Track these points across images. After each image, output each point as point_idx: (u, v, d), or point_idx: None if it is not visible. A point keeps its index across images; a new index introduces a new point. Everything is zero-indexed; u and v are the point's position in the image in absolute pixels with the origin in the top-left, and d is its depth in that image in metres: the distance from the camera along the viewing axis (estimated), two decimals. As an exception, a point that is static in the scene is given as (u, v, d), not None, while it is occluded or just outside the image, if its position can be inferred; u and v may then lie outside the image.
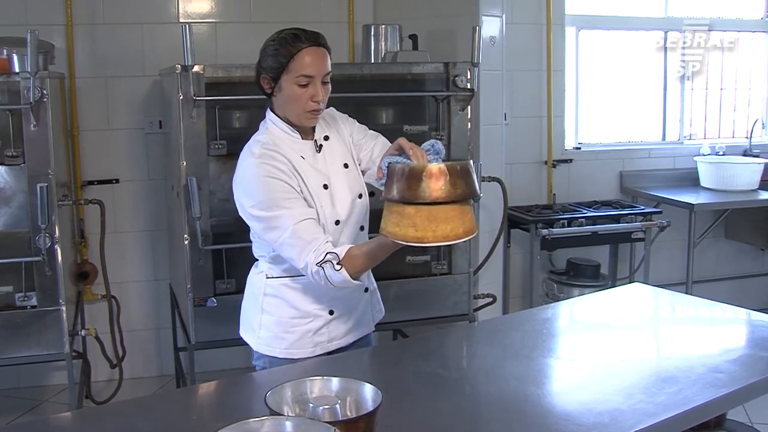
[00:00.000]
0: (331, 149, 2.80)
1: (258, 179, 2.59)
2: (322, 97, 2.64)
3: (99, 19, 5.02)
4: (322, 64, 2.62)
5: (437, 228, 2.23)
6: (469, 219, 2.29)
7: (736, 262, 6.71)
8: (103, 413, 2.70)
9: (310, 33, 2.65)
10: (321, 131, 2.80)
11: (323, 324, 2.77)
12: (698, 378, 2.35)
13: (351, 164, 2.82)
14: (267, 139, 2.69)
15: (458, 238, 2.26)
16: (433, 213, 2.23)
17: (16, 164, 3.99)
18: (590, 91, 6.33)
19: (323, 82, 2.64)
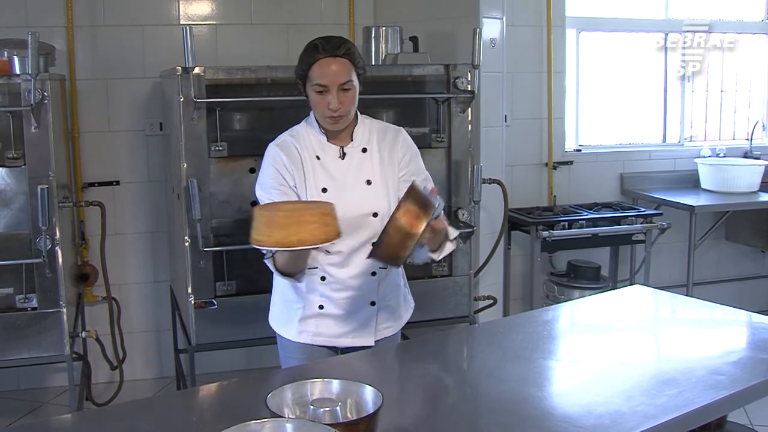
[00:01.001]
0: (361, 161, 2.87)
1: (266, 161, 2.86)
2: (337, 105, 2.73)
3: (99, 21, 5.02)
4: (336, 75, 2.72)
5: (272, 233, 2.27)
6: (309, 231, 2.28)
7: (737, 264, 6.70)
8: (104, 415, 2.70)
9: (332, 43, 2.74)
10: (362, 141, 2.90)
11: (312, 315, 2.89)
12: (699, 380, 2.35)
13: (378, 182, 2.86)
14: (296, 131, 2.91)
15: (291, 245, 2.27)
16: (272, 219, 2.29)
17: (17, 166, 3.99)
18: (591, 93, 6.32)
19: (343, 89, 2.73)
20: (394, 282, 3.00)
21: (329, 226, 2.33)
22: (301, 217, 2.29)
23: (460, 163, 4.46)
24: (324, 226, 2.31)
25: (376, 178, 2.87)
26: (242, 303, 4.10)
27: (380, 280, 2.91)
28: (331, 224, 2.34)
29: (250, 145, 4.16)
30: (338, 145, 2.87)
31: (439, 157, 4.47)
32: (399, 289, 3.03)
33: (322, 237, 2.30)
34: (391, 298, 2.98)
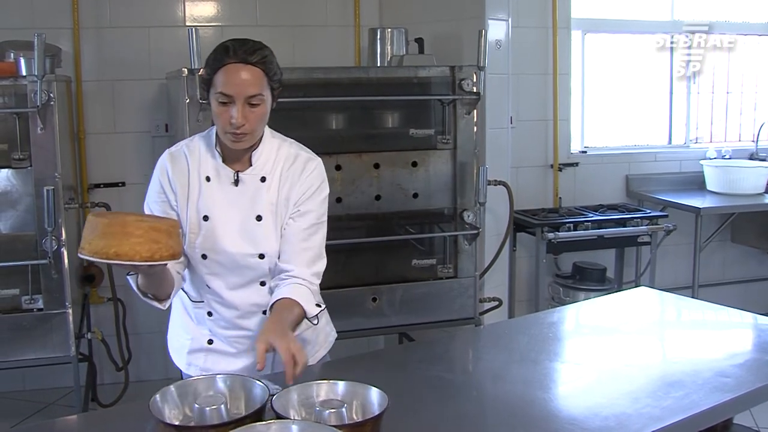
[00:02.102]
0: (256, 192, 2.51)
1: (154, 174, 2.58)
2: (240, 120, 2.35)
3: (105, 22, 5.03)
4: (244, 85, 2.34)
5: (93, 240, 2.06)
6: (130, 244, 2.05)
7: (743, 266, 6.69)
8: (109, 416, 2.71)
9: (246, 48, 2.38)
10: (263, 168, 2.52)
11: (201, 350, 2.66)
12: (705, 382, 2.35)
13: (269, 220, 2.51)
14: (194, 142, 2.58)
15: (107, 258, 2.04)
16: (95, 225, 2.07)
17: (23, 167, 4.01)
18: (596, 94, 6.32)
19: (251, 103, 2.36)
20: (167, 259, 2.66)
21: (158, 244, 2.10)
22: (125, 228, 2.06)
23: (465, 165, 4.46)
24: (151, 242, 2.08)
25: (268, 214, 2.50)
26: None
27: None
28: (161, 242, 2.11)
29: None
30: (234, 168, 2.50)
31: (444, 159, 4.47)
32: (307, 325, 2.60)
33: (145, 254, 2.07)
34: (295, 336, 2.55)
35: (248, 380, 2.07)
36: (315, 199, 2.55)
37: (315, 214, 2.54)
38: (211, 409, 1.91)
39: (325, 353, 2.79)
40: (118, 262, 2.05)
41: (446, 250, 4.53)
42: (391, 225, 4.46)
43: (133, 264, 2.07)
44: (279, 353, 2.14)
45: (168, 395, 2.00)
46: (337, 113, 4.46)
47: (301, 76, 4.27)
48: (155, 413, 1.90)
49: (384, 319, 4.39)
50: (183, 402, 2.01)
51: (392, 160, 4.39)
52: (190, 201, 2.50)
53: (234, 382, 2.09)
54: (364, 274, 4.41)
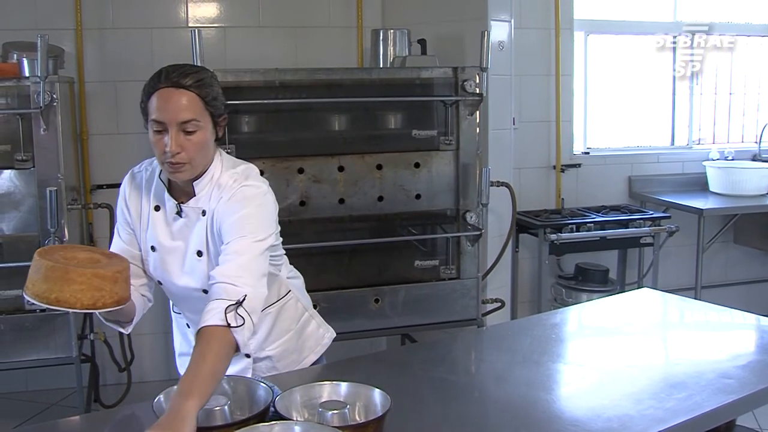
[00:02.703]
0: (196, 226, 2.37)
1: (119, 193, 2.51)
2: (174, 148, 2.20)
3: (108, 23, 5.03)
4: (176, 110, 2.20)
5: (36, 282, 2.02)
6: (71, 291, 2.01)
7: (745, 268, 6.68)
8: (112, 417, 2.71)
9: (180, 71, 2.25)
10: (204, 200, 2.35)
11: (186, 354, 2.57)
12: (708, 384, 2.35)
13: (211, 256, 2.35)
14: (153, 166, 2.47)
15: (48, 302, 2.00)
16: (38, 266, 2.04)
17: (26, 168, 4.01)
18: (599, 95, 6.32)
19: (186, 131, 2.22)
20: (277, 332, 2.61)
21: (102, 291, 2.05)
22: (67, 273, 2.01)
23: (468, 166, 4.46)
24: (93, 290, 2.03)
25: (207, 248, 2.34)
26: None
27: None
28: (105, 289, 2.06)
29: (258, 148, 4.17)
30: (179, 199, 2.37)
31: (447, 160, 4.47)
32: (291, 334, 2.64)
33: (87, 302, 2.02)
34: (275, 347, 2.60)
35: (252, 382, 2.07)
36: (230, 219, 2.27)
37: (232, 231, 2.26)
38: (215, 410, 1.91)
39: (317, 357, 2.74)
40: (58, 308, 2.02)
41: (449, 251, 4.53)
42: (393, 226, 4.46)
43: (75, 311, 2.04)
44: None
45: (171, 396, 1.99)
46: (340, 114, 4.46)
47: (303, 77, 4.27)
48: (159, 414, 1.90)
49: (386, 320, 4.39)
50: None
51: (395, 161, 4.39)
52: (141, 228, 2.43)
53: (238, 383, 2.09)
54: (367, 275, 4.41)
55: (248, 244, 2.23)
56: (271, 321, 2.59)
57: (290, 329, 2.66)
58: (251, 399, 2.03)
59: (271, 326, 2.59)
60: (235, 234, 2.23)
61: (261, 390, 2.01)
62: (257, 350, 2.57)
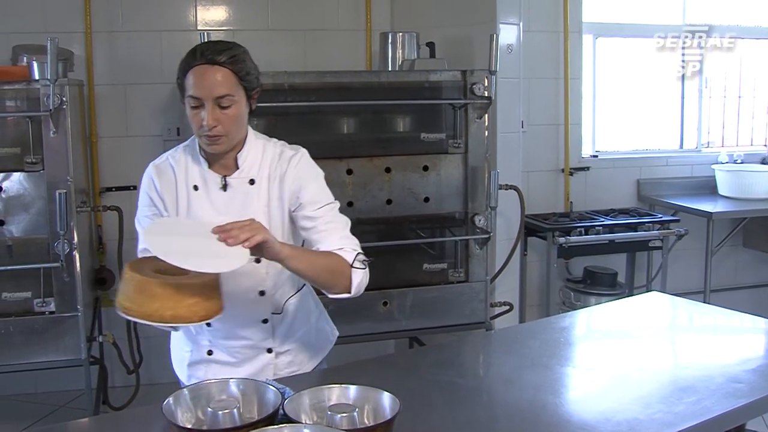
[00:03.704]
0: (246, 196, 2.47)
1: (141, 186, 2.55)
2: (211, 121, 2.32)
3: (118, 26, 5.05)
4: (212, 86, 2.31)
5: (143, 303, 2.01)
6: (187, 306, 2.03)
7: (754, 271, 6.67)
8: (121, 419, 2.72)
9: (214, 48, 2.36)
10: (250, 170, 2.48)
11: (201, 361, 2.62)
12: (717, 388, 2.34)
13: (263, 222, 2.32)
14: (178, 152, 2.56)
15: (163, 321, 2.02)
16: (142, 285, 2.02)
17: (36, 171, 4.02)
18: (607, 98, 6.31)
19: (221, 106, 2.33)
20: (299, 323, 2.67)
21: (210, 301, 2.09)
22: (180, 288, 2.02)
23: (476, 169, 4.46)
24: (205, 300, 2.07)
25: (261, 216, 2.41)
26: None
27: (275, 325, 2.59)
28: (213, 298, 2.10)
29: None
30: (221, 173, 2.47)
31: (455, 163, 4.47)
32: (307, 326, 2.70)
33: (202, 314, 2.06)
34: (295, 340, 2.65)
35: (261, 384, 2.07)
36: (311, 186, 2.50)
37: (318, 198, 2.49)
38: (223, 412, 1.91)
39: (325, 355, 2.79)
40: (174, 325, 2.06)
41: (457, 255, 4.53)
42: (402, 229, 4.46)
43: (191, 324, 2.10)
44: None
45: (181, 398, 2.00)
46: (349, 117, 4.47)
47: (312, 80, 4.28)
48: (168, 416, 1.90)
49: (395, 323, 4.39)
50: (196, 405, 2.01)
51: (403, 165, 4.39)
52: (179, 212, 2.48)
53: (247, 386, 2.09)
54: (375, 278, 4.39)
55: (336, 211, 2.52)
56: (294, 311, 2.64)
57: (308, 322, 2.71)
58: (260, 402, 2.03)
59: (293, 318, 2.64)
60: (322, 201, 2.49)
61: (270, 393, 2.01)
62: (281, 343, 2.61)
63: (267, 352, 2.60)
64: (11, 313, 4.05)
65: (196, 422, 1.98)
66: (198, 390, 2.06)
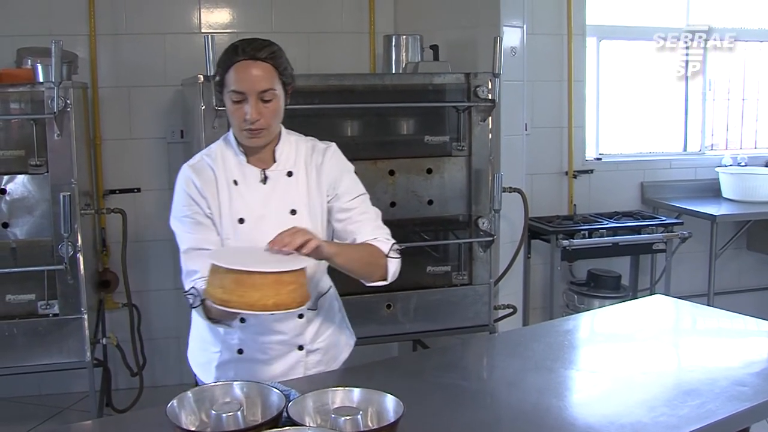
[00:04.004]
0: (285, 187, 2.56)
1: (178, 186, 2.57)
2: (255, 115, 2.41)
3: (122, 29, 5.05)
4: (255, 80, 2.41)
5: (244, 294, 2.05)
6: (287, 293, 2.09)
7: (758, 274, 6.66)
8: (124, 421, 2.72)
9: (254, 45, 2.44)
10: (287, 163, 2.58)
11: (231, 360, 2.64)
12: (721, 391, 2.34)
13: (304, 212, 2.55)
14: (212, 151, 2.61)
15: (266, 309, 2.07)
16: (242, 278, 2.06)
17: (40, 173, 4.02)
18: (611, 101, 6.31)
19: (263, 100, 2.43)
20: (328, 322, 2.73)
21: (304, 287, 2.15)
22: (280, 277, 2.08)
23: (480, 172, 4.46)
24: (300, 287, 2.13)
25: (302, 207, 2.54)
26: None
27: (309, 321, 2.65)
28: (305, 284, 2.17)
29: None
30: (259, 167, 2.56)
31: (459, 166, 4.47)
32: (334, 326, 2.76)
33: (299, 300, 2.12)
34: (324, 339, 2.71)
35: (265, 387, 2.08)
36: (346, 178, 2.64)
37: (352, 189, 2.64)
38: (227, 415, 1.91)
39: (347, 356, 2.82)
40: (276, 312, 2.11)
41: (461, 257, 4.53)
42: (405, 232, 4.45)
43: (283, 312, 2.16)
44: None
45: (185, 401, 2.00)
46: (352, 120, 4.47)
47: (316, 82, 4.28)
48: (172, 419, 1.90)
49: (398, 326, 4.39)
50: (200, 408, 2.01)
51: (407, 167, 4.39)
52: (222, 208, 2.52)
53: (251, 389, 2.09)
54: (379, 281, 4.41)
55: (368, 203, 2.68)
56: (324, 310, 2.71)
57: (333, 322, 2.77)
58: (264, 404, 2.03)
59: (323, 317, 2.70)
60: (356, 192, 2.64)
61: (274, 395, 2.02)
62: (311, 341, 2.66)
63: (298, 350, 2.64)
64: (15, 316, 4.05)
65: (200, 425, 1.98)
66: (202, 393, 2.06)
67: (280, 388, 2.05)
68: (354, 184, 2.66)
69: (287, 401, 1.97)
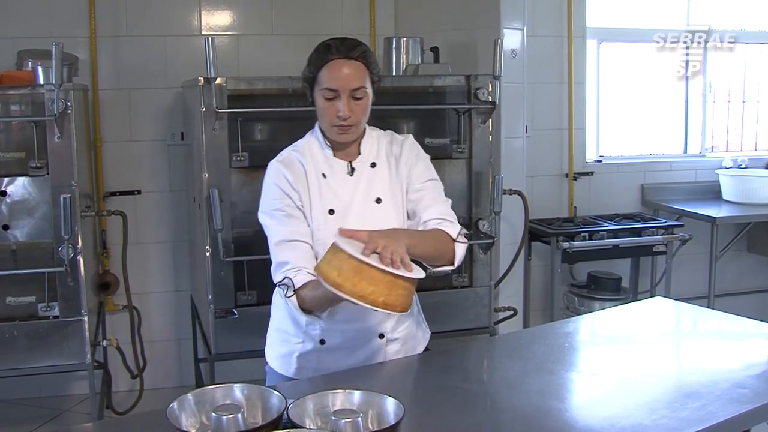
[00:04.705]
0: (370, 178, 2.65)
1: (268, 182, 2.64)
2: (347, 112, 2.50)
3: (122, 31, 5.06)
4: (349, 78, 2.49)
5: (358, 283, 2.09)
6: (397, 295, 2.14)
7: (759, 276, 6.66)
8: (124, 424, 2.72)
9: (347, 44, 2.53)
10: (370, 155, 2.67)
11: (312, 351, 2.67)
12: (722, 393, 2.34)
13: (387, 200, 2.64)
14: (300, 146, 2.70)
15: (375, 305, 2.11)
16: (362, 268, 2.11)
17: (40, 175, 4.02)
18: (611, 103, 6.31)
19: (355, 97, 2.51)
20: (405, 314, 2.68)
21: (412, 296, 2.22)
22: (396, 279, 2.14)
23: (480, 174, 4.46)
24: (409, 295, 2.19)
25: (386, 195, 2.64)
26: (262, 313, 4.07)
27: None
28: (413, 293, 2.24)
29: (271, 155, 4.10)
30: (346, 160, 2.64)
31: (459, 168, 4.47)
32: (412, 318, 2.81)
33: (404, 305, 2.18)
34: (403, 329, 2.76)
35: (266, 390, 2.07)
36: (420, 163, 2.72)
37: (425, 174, 2.71)
38: (228, 418, 1.91)
39: (423, 348, 2.88)
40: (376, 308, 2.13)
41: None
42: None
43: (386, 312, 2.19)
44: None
45: (185, 403, 2.00)
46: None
47: (316, 85, 4.27)
48: (172, 421, 1.90)
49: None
50: (200, 410, 2.01)
51: (407, 169, 4.38)
52: (312, 200, 2.59)
53: (251, 391, 2.09)
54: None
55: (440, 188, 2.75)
56: None
57: (412, 314, 2.81)
58: (264, 407, 2.03)
59: None
60: (426, 176, 2.71)
61: (274, 398, 2.01)
62: (392, 330, 2.72)
63: (379, 338, 2.69)
64: (16, 318, 4.06)
65: (200, 427, 1.98)
66: (202, 395, 2.06)
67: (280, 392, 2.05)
68: (426, 170, 2.74)
69: (287, 404, 1.97)
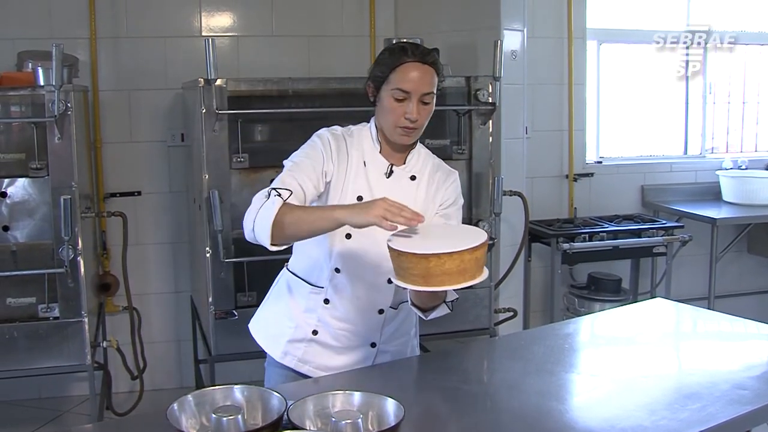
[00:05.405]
0: (406, 187, 2.63)
1: (312, 140, 2.63)
2: (416, 115, 2.49)
3: (122, 32, 5.06)
4: (421, 82, 2.49)
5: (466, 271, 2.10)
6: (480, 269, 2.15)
7: (759, 277, 6.65)
8: (124, 425, 2.73)
9: (421, 49, 2.54)
10: (413, 168, 2.66)
11: (303, 339, 2.68)
12: (722, 395, 2.34)
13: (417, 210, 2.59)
14: (351, 130, 2.70)
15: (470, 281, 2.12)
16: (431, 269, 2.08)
17: (40, 176, 4.02)
18: (611, 104, 6.31)
19: (423, 102, 2.51)
20: (404, 329, 2.79)
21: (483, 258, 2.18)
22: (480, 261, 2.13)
23: (481, 175, 4.46)
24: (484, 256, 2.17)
25: (418, 207, 2.49)
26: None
27: (386, 320, 2.70)
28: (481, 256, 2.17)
29: (271, 157, 4.18)
30: (387, 160, 2.64)
31: (460, 169, 4.41)
32: (408, 338, 2.82)
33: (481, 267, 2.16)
34: (395, 344, 2.77)
35: (266, 391, 2.07)
36: (455, 206, 2.71)
37: (454, 215, 2.70)
38: (228, 419, 1.91)
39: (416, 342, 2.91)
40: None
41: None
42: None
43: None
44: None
45: (185, 404, 2.00)
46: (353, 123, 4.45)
47: (316, 86, 4.29)
48: (172, 422, 1.90)
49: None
50: (200, 411, 2.01)
51: (407, 170, 4.38)
52: (347, 180, 2.58)
53: (251, 392, 2.09)
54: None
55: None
56: (403, 317, 2.76)
57: (408, 334, 2.83)
58: (265, 408, 2.03)
59: (401, 322, 2.77)
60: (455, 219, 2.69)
61: (274, 399, 2.02)
62: (385, 341, 2.73)
63: (371, 346, 2.70)
64: (16, 319, 4.06)
65: (200, 428, 1.98)
66: (202, 396, 2.06)
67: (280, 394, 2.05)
68: (457, 213, 2.72)
69: (287, 405, 1.97)
